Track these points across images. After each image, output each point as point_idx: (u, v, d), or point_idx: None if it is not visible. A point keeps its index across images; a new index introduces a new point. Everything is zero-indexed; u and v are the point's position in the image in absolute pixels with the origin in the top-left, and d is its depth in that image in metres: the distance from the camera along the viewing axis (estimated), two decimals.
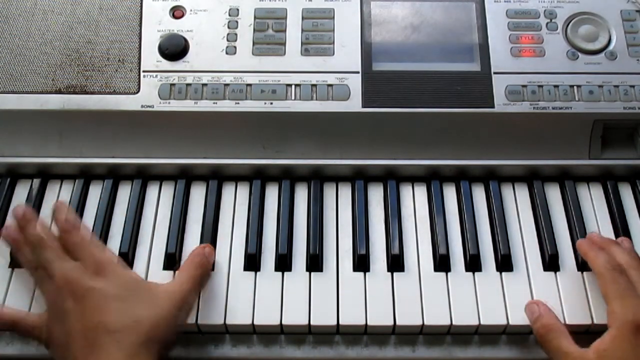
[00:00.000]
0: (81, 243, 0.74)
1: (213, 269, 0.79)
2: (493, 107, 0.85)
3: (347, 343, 0.76)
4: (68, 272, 0.71)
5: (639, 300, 0.70)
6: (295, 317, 0.75)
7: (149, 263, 0.80)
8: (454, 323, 0.75)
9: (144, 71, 0.86)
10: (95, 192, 0.85)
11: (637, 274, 0.73)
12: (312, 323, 0.75)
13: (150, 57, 0.86)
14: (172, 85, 0.85)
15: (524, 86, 0.85)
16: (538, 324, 0.73)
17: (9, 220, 0.80)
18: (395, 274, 0.79)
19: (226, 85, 0.85)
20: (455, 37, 0.88)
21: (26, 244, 0.75)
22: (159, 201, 0.85)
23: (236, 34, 0.87)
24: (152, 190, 0.86)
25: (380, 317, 0.75)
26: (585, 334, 0.74)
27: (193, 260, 0.76)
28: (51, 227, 0.78)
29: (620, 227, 0.83)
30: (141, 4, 0.89)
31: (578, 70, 0.86)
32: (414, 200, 0.85)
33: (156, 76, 0.85)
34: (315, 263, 0.79)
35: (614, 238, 0.82)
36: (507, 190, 0.86)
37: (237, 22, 0.88)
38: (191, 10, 0.89)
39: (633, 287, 0.71)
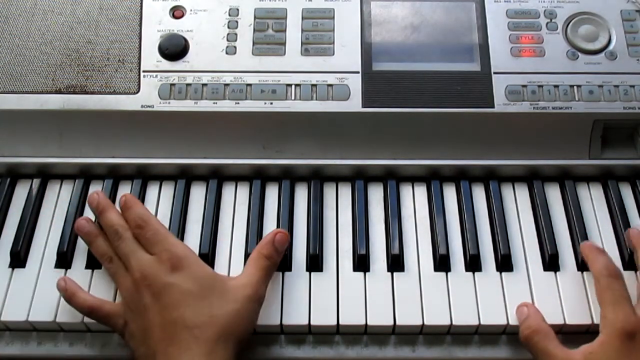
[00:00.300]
0: (155, 238, 0.74)
1: (213, 269, 0.78)
2: (493, 107, 0.85)
3: (347, 343, 0.76)
4: (145, 266, 0.72)
5: (630, 307, 0.71)
6: (295, 317, 0.75)
7: None
8: (454, 323, 0.75)
9: (144, 71, 0.86)
10: None
11: None
12: (312, 323, 0.75)
13: (150, 57, 0.86)
14: (172, 85, 0.85)
15: (524, 86, 0.85)
16: (523, 326, 0.73)
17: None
18: (395, 274, 0.79)
19: (226, 85, 0.85)
20: (455, 37, 0.88)
21: (100, 235, 0.77)
22: (159, 201, 0.85)
23: (236, 34, 0.87)
24: (152, 190, 0.86)
25: (380, 317, 0.75)
26: (585, 334, 0.75)
27: (261, 251, 0.75)
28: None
29: (621, 227, 0.82)
30: (141, 4, 0.89)
31: (578, 70, 0.86)
32: (414, 200, 0.85)
33: (156, 76, 0.85)
34: (315, 263, 0.79)
35: (614, 238, 0.82)
36: (507, 190, 0.86)
37: (237, 22, 0.88)
38: (191, 10, 0.89)
39: (624, 293, 0.72)
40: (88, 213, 0.83)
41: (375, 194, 0.86)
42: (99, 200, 0.79)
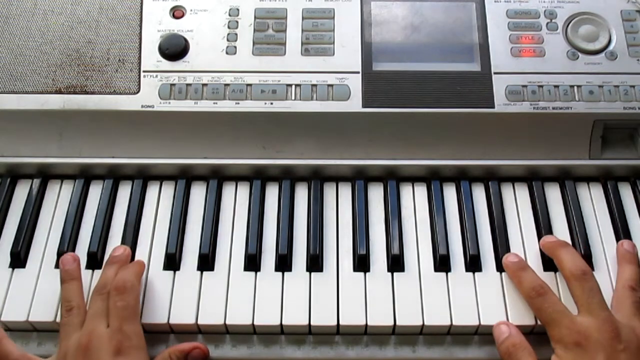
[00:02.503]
0: (121, 312, 0.72)
1: (213, 269, 0.79)
2: (493, 107, 0.85)
3: (347, 343, 0.76)
4: (95, 336, 0.70)
5: (569, 318, 0.71)
6: (295, 317, 0.75)
7: (149, 263, 0.80)
8: (454, 323, 0.75)
9: (144, 71, 0.86)
10: (95, 192, 0.85)
11: (579, 285, 0.73)
12: (312, 323, 0.75)
13: (151, 57, 0.86)
14: (172, 85, 0.85)
15: (524, 86, 0.85)
16: (507, 342, 0.73)
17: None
18: (395, 274, 0.79)
19: (226, 85, 0.85)
20: (455, 37, 0.88)
21: (78, 280, 0.76)
22: (159, 201, 0.85)
23: (236, 34, 0.87)
24: (152, 190, 0.86)
25: (380, 317, 0.75)
26: None
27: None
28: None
29: (621, 227, 0.82)
30: (141, 4, 0.89)
31: (578, 70, 0.86)
32: (414, 200, 0.85)
33: (156, 76, 0.85)
34: (315, 263, 0.79)
35: (614, 238, 0.82)
36: (507, 190, 0.86)
37: (237, 22, 0.88)
38: (191, 10, 0.89)
39: (558, 307, 0.72)
40: (88, 213, 0.84)
41: (375, 194, 0.86)
42: (122, 251, 0.78)
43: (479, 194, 0.86)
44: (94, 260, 0.79)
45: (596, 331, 0.70)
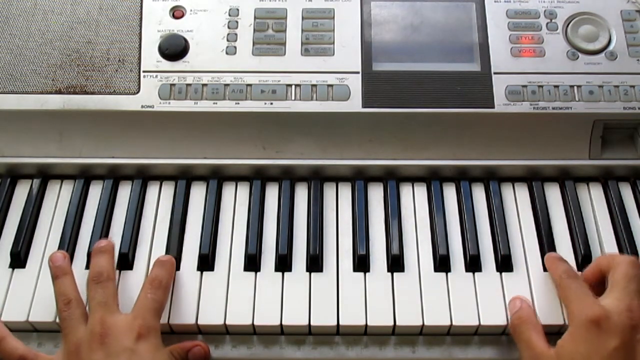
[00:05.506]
0: (151, 304, 0.72)
1: (213, 269, 0.79)
2: (493, 107, 0.85)
3: (347, 344, 0.76)
4: (112, 324, 0.70)
5: (593, 299, 0.71)
6: (295, 317, 0.75)
7: (149, 264, 0.80)
8: (454, 323, 0.75)
9: (144, 71, 0.86)
10: (95, 192, 0.85)
11: (627, 270, 0.72)
12: (312, 323, 0.75)
13: (150, 57, 0.86)
14: (172, 85, 0.85)
15: (524, 86, 0.85)
16: (514, 316, 0.74)
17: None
18: (395, 274, 0.79)
19: (226, 85, 0.85)
20: (455, 37, 0.88)
21: (70, 274, 0.75)
22: (159, 201, 0.85)
23: (236, 34, 0.87)
24: (152, 190, 0.86)
25: (380, 318, 0.75)
26: None
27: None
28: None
29: (621, 227, 0.82)
30: (141, 4, 0.89)
31: (578, 70, 0.86)
32: (414, 200, 0.85)
33: (156, 76, 0.85)
34: (315, 263, 0.79)
35: (614, 238, 0.82)
36: (507, 190, 0.86)
37: (237, 22, 0.88)
38: (191, 10, 0.89)
39: (586, 290, 0.72)
40: (88, 213, 0.84)
41: (375, 194, 0.86)
42: (107, 243, 0.78)
43: (479, 194, 0.86)
44: None
45: (617, 314, 0.68)
